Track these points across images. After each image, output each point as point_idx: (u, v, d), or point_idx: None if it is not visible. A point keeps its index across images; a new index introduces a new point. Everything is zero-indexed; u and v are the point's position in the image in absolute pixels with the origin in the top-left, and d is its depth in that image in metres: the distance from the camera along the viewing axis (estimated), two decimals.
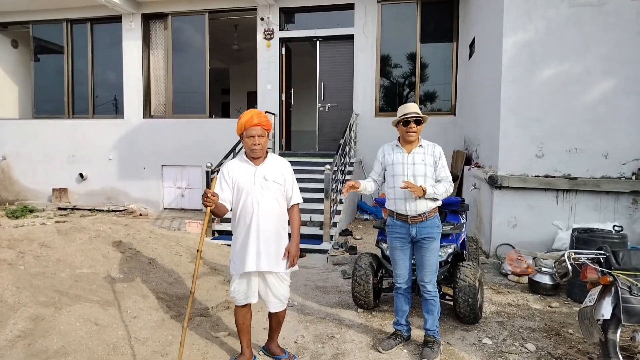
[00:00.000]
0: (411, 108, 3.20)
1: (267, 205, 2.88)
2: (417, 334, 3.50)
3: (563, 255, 2.91)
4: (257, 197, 2.87)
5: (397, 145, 3.31)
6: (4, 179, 10.89)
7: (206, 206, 2.72)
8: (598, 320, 2.73)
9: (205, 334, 3.47)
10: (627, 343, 2.83)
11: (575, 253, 2.92)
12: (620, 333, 2.72)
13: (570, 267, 2.84)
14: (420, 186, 3.07)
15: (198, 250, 2.82)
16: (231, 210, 2.98)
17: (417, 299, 3.76)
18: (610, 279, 2.72)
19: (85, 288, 3.66)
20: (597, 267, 2.81)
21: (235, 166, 2.96)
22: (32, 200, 10.51)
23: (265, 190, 2.89)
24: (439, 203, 3.28)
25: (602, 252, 2.86)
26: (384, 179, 3.38)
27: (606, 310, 2.70)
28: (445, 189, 3.17)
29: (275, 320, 3.12)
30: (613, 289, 2.72)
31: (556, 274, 4.38)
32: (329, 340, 3.49)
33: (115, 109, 10.56)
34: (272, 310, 3.03)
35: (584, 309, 2.84)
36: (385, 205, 3.41)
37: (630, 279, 2.66)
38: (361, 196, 8.89)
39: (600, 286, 2.79)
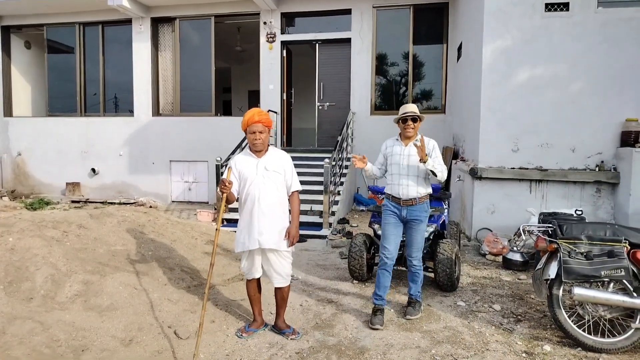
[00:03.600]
0: (410, 108, 3.78)
1: (268, 191, 3.31)
2: (403, 299, 4.16)
3: (519, 229, 3.57)
4: (259, 185, 3.33)
5: (397, 140, 3.93)
6: (19, 174, 11.49)
7: (222, 193, 3.25)
8: (546, 279, 3.40)
9: (225, 299, 4.13)
10: (568, 298, 3.49)
11: (529, 226, 3.58)
12: (563, 290, 3.38)
13: (524, 238, 3.50)
14: (426, 154, 3.57)
15: (217, 230, 3.37)
16: (238, 198, 3.50)
17: (399, 273, 4.44)
18: (555, 246, 3.38)
19: (122, 261, 4.30)
20: (546, 238, 3.48)
21: (241, 159, 3.45)
22: (46, 194, 11.10)
23: (266, 179, 3.35)
24: (430, 190, 3.87)
25: (550, 225, 3.53)
26: (386, 169, 3.96)
27: (552, 271, 3.37)
28: (442, 168, 3.70)
29: (279, 296, 3.51)
30: (558, 254, 3.38)
31: (524, 253, 5.07)
32: (329, 304, 4.15)
33: (122, 108, 11.16)
34: (276, 285, 3.47)
35: (536, 271, 3.52)
36: (385, 190, 4.02)
37: (570, 246, 3.33)
38: (357, 189, 9.56)
39: (548, 252, 3.46)
